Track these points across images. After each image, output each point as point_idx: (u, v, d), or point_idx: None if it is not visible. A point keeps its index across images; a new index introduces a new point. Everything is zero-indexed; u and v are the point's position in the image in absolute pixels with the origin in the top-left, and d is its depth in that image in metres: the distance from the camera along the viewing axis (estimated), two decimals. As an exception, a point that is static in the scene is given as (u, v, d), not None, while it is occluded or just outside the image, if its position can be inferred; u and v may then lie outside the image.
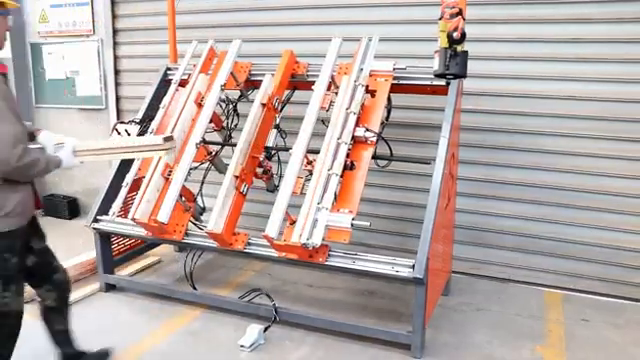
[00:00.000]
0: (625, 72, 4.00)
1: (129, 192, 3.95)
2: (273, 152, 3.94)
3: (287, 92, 4.08)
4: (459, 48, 3.36)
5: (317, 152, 3.48)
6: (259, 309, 3.70)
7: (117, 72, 5.89)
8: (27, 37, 6.19)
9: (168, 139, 3.14)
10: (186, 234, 3.79)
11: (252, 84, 4.19)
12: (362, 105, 3.59)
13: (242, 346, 3.36)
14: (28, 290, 2.84)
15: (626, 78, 4.00)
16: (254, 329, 3.45)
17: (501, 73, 4.31)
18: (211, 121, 3.95)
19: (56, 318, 3.01)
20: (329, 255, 3.37)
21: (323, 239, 3.24)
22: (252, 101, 3.87)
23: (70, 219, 6.18)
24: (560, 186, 4.28)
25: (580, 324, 3.79)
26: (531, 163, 4.33)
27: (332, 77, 3.73)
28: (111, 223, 4.03)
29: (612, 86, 4.04)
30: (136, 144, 3.16)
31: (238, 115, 4.24)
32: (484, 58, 4.24)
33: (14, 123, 2.53)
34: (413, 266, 3.17)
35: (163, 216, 3.54)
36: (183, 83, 4.27)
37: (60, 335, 3.04)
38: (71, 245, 5.14)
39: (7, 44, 6.22)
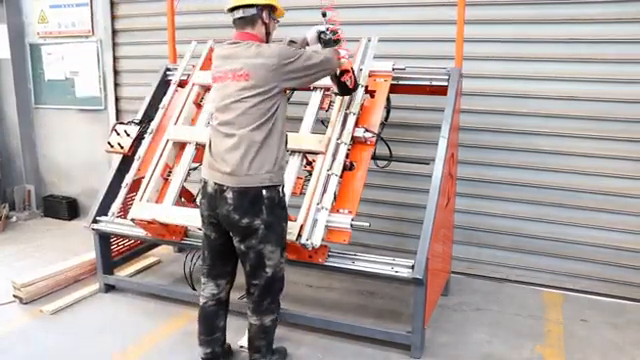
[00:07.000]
0: (625, 72, 3.99)
1: (129, 192, 3.95)
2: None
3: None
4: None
5: (317, 152, 3.48)
6: (259, 309, 3.69)
7: (116, 73, 5.89)
8: (26, 38, 6.18)
9: None
10: (185, 234, 3.79)
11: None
12: (361, 105, 3.59)
13: (242, 346, 3.36)
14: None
15: (625, 78, 4.00)
16: (254, 329, 3.44)
17: (498, 73, 4.31)
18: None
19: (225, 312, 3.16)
20: (328, 255, 3.36)
21: (323, 239, 3.24)
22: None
23: (70, 220, 6.17)
24: (558, 186, 4.28)
25: (579, 324, 3.79)
26: (528, 163, 4.33)
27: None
28: (110, 224, 4.02)
29: (611, 86, 4.04)
30: None
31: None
32: (480, 58, 4.24)
33: None
34: (412, 266, 3.17)
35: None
36: (182, 83, 4.28)
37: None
38: (70, 246, 5.14)
39: (7, 45, 6.27)
